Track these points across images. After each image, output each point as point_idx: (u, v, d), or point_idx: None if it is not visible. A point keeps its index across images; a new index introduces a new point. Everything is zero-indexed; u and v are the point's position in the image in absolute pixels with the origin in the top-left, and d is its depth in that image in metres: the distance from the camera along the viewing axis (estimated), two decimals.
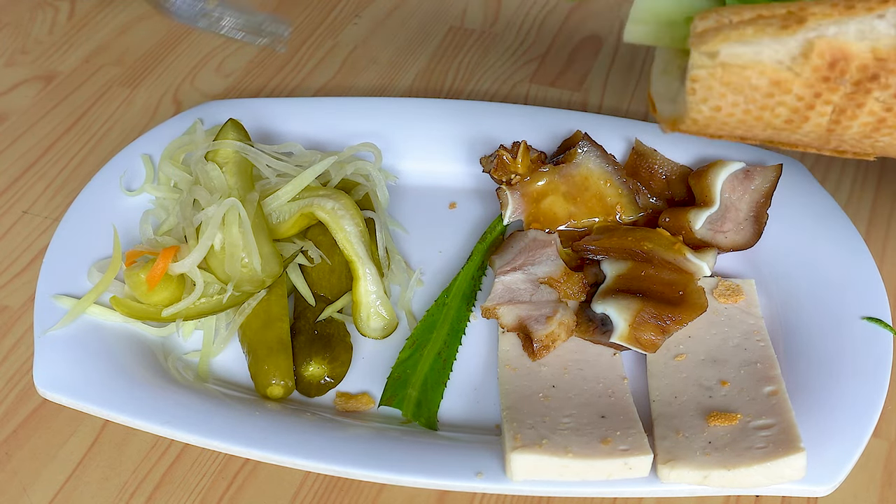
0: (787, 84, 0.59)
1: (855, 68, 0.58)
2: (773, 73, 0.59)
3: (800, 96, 0.59)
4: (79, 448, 0.78)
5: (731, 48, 0.59)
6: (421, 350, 0.81)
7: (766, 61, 0.58)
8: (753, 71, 0.59)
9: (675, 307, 0.79)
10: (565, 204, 0.89)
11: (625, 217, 0.89)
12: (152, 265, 0.81)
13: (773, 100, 0.60)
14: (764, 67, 0.58)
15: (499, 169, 0.90)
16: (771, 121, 0.61)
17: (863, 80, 0.58)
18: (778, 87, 0.59)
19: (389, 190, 0.95)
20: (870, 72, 0.58)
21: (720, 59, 0.59)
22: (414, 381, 0.79)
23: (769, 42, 0.58)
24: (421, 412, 0.77)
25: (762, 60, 0.58)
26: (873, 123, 0.61)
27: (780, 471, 0.68)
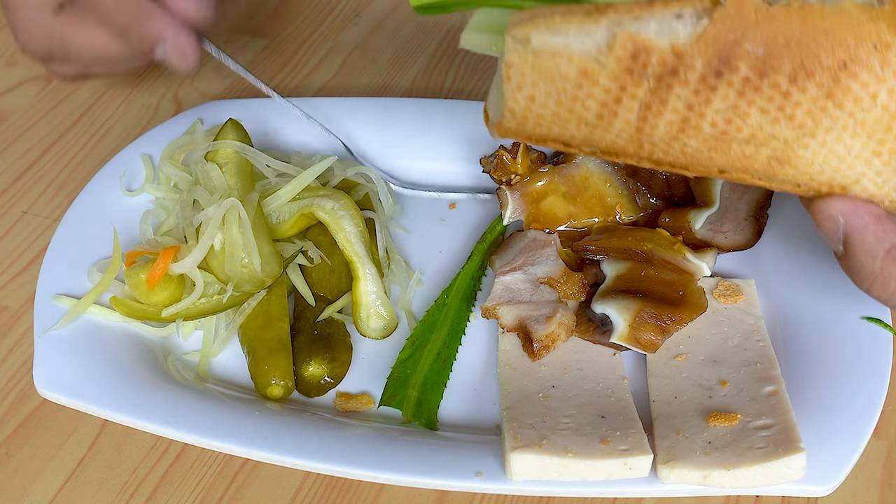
0: (594, 74, 0.61)
1: (655, 62, 0.60)
2: (581, 61, 0.61)
3: (607, 88, 0.61)
4: (79, 448, 0.78)
5: (542, 36, 0.61)
6: (421, 350, 0.81)
7: (574, 50, 0.61)
8: (562, 59, 0.61)
9: (675, 307, 0.79)
10: (565, 204, 0.89)
11: (625, 217, 0.89)
12: (152, 265, 0.81)
13: (582, 90, 0.62)
14: (572, 55, 0.61)
15: (499, 169, 0.90)
16: (583, 115, 0.63)
17: (664, 75, 0.60)
18: (586, 76, 0.61)
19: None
20: (669, 66, 0.60)
21: (532, 47, 0.61)
22: (414, 381, 0.79)
23: (576, 32, 0.60)
24: (421, 412, 0.77)
25: (570, 48, 0.61)
26: (678, 123, 0.62)
27: (780, 471, 0.68)
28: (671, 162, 0.66)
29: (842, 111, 0.61)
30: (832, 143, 0.63)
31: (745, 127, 0.62)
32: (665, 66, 0.60)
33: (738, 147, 0.63)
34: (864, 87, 0.60)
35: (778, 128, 0.62)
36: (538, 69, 0.62)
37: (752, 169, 0.65)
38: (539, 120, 0.65)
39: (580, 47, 0.61)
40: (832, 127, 0.62)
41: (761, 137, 0.63)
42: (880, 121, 0.62)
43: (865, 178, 0.65)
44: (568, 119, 0.64)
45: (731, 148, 0.63)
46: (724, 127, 0.62)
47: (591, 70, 0.61)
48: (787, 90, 0.60)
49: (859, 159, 0.64)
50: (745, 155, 0.64)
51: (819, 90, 0.60)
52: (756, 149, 0.63)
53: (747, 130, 0.62)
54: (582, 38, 0.60)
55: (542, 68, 0.62)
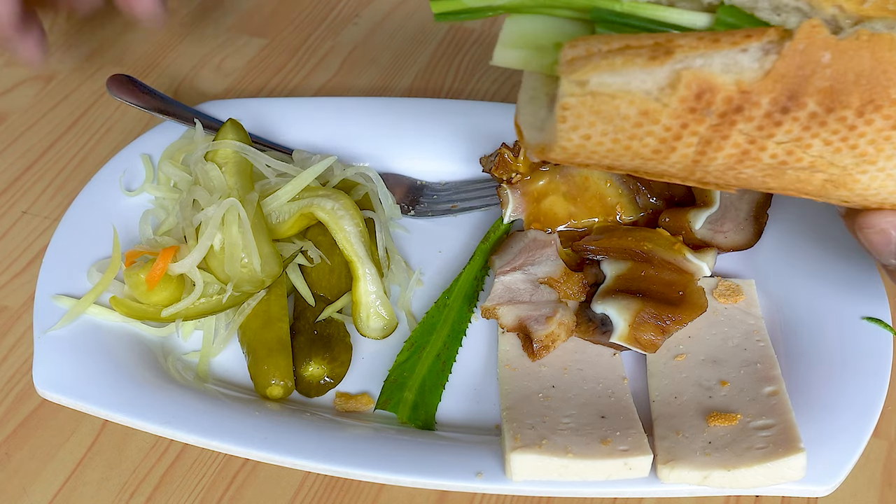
0: (656, 114, 0.59)
1: (720, 100, 0.58)
2: (642, 102, 0.59)
3: (667, 126, 0.60)
4: (79, 448, 0.78)
5: (601, 77, 0.58)
6: (420, 352, 0.81)
7: (636, 91, 0.59)
8: (623, 101, 0.59)
9: (675, 307, 0.79)
10: (565, 204, 0.89)
11: (625, 217, 0.89)
12: (152, 265, 0.81)
13: (641, 129, 0.60)
14: (633, 97, 0.59)
15: (500, 167, 0.90)
16: (639, 150, 0.62)
17: (728, 112, 0.59)
18: (646, 116, 0.59)
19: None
20: (734, 104, 0.58)
21: (590, 88, 0.59)
22: (411, 384, 0.79)
23: (638, 72, 0.58)
24: (417, 415, 0.77)
25: (631, 90, 0.59)
26: (737, 155, 0.61)
27: (780, 471, 0.68)
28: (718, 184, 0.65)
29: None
30: (891, 168, 0.62)
31: (805, 157, 0.61)
32: (730, 104, 0.59)
33: (794, 173, 0.62)
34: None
35: (839, 156, 0.61)
36: (596, 111, 0.60)
37: (804, 191, 0.64)
38: (591, 155, 0.63)
39: (641, 87, 0.59)
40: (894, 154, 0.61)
41: (820, 165, 0.62)
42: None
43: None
44: (622, 154, 0.62)
45: (786, 174, 0.63)
46: (784, 157, 0.61)
47: (652, 110, 0.59)
48: (853, 123, 0.59)
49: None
50: (799, 179, 0.63)
51: (886, 122, 0.59)
52: (812, 174, 0.62)
53: (807, 160, 0.61)
54: (643, 77, 0.59)
55: (600, 110, 0.59)
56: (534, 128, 0.67)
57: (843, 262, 0.84)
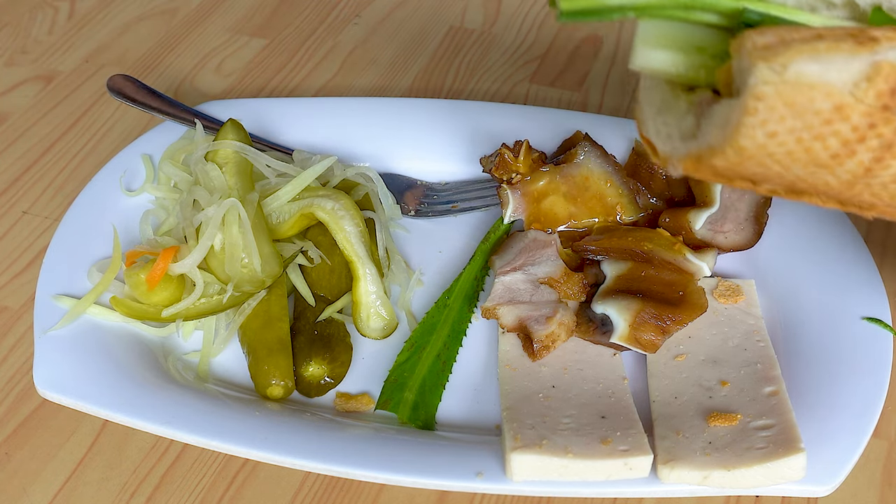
0: (848, 110, 0.55)
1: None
2: (839, 96, 0.54)
3: (855, 126, 0.55)
4: (79, 448, 0.78)
5: (802, 64, 0.53)
6: (420, 352, 0.81)
7: (834, 83, 0.54)
8: (820, 92, 0.54)
9: (675, 307, 0.79)
10: (566, 204, 0.89)
11: (625, 217, 0.89)
12: (152, 265, 0.81)
13: (829, 128, 0.55)
14: (831, 89, 0.54)
15: (500, 167, 0.90)
16: (818, 154, 0.56)
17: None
18: (839, 112, 0.55)
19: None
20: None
21: (787, 77, 0.53)
22: (411, 384, 0.79)
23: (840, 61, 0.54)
24: (418, 415, 0.77)
25: (829, 81, 0.54)
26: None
27: (780, 471, 0.68)
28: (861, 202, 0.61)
29: None
30: None
31: None
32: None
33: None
34: None
35: None
36: (791, 102, 0.54)
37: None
38: (766, 159, 0.57)
39: (838, 79, 0.54)
40: None
41: None
42: None
43: None
44: (800, 158, 0.57)
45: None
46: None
47: (846, 105, 0.54)
48: None
49: None
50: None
51: None
52: None
53: None
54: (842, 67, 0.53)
55: (795, 102, 0.54)
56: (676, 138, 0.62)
57: (843, 262, 0.84)
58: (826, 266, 0.85)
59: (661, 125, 0.63)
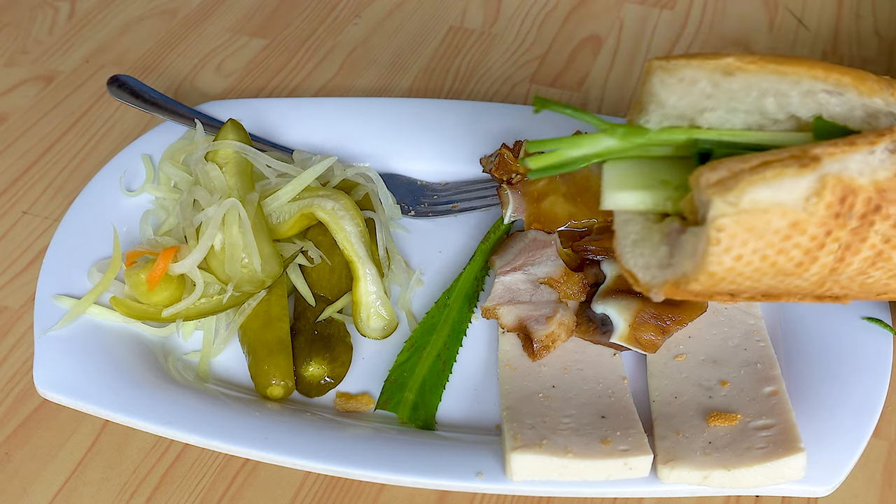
0: (804, 224, 0.59)
1: (861, 202, 0.59)
2: (793, 214, 0.59)
3: (813, 236, 0.60)
4: (79, 448, 0.78)
5: (754, 193, 0.58)
6: (420, 352, 0.81)
7: (785, 203, 0.59)
8: (775, 214, 0.59)
9: (675, 307, 0.79)
10: (566, 204, 0.89)
11: None
12: (152, 265, 0.81)
13: (789, 242, 0.60)
14: (784, 209, 0.59)
15: (500, 167, 0.90)
16: (783, 265, 0.61)
17: (867, 213, 0.60)
18: (796, 227, 0.59)
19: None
20: (873, 204, 0.59)
21: (742, 206, 0.58)
22: (411, 384, 0.79)
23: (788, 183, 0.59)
24: (418, 415, 0.77)
25: (782, 202, 0.59)
26: (872, 258, 0.62)
27: (780, 471, 0.68)
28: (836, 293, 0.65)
29: None
30: None
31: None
32: (869, 204, 0.59)
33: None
34: None
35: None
36: (750, 227, 0.59)
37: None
38: (737, 278, 0.62)
39: (789, 198, 0.59)
40: None
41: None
42: None
43: None
44: (766, 272, 0.62)
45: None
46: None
47: (801, 220, 0.59)
48: None
49: None
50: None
51: None
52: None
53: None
54: (790, 188, 0.59)
55: (753, 226, 0.59)
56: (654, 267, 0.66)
57: None
58: None
59: (638, 256, 0.67)
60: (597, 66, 1.14)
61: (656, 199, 0.66)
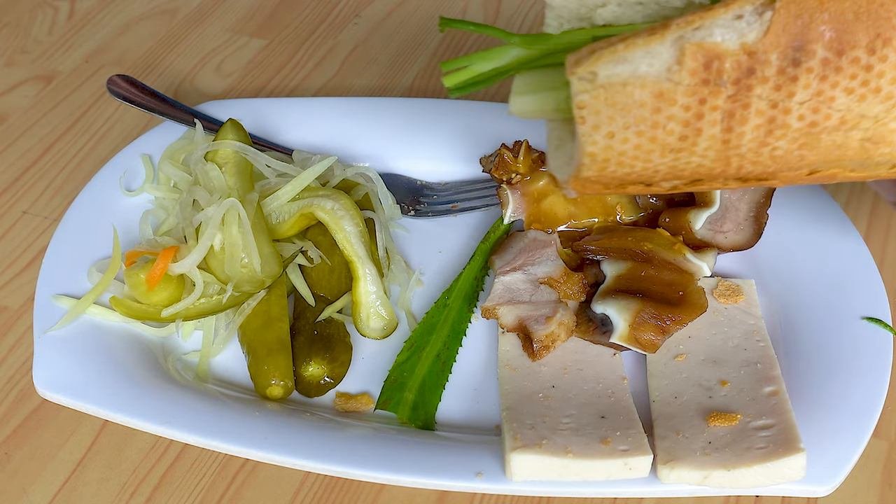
0: (671, 94, 0.58)
1: (730, 66, 0.58)
2: (654, 84, 0.58)
3: (685, 106, 0.59)
4: (79, 448, 0.78)
5: (608, 68, 0.58)
6: (420, 352, 0.81)
7: (645, 75, 0.58)
8: (634, 86, 0.58)
9: (675, 307, 0.79)
10: (566, 204, 0.89)
11: (625, 217, 0.89)
12: (152, 265, 0.81)
13: (661, 115, 0.59)
14: (644, 80, 0.58)
15: (500, 168, 0.90)
16: (666, 140, 0.60)
17: (741, 78, 0.58)
18: (662, 98, 0.59)
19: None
20: (745, 67, 0.58)
21: (600, 82, 0.58)
22: (411, 384, 0.79)
23: (642, 55, 0.58)
24: (417, 415, 0.77)
25: (641, 74, 0.58)
26: (764, 126, 0.60)
27: (780, 471, 0.68)
28: (759, 173, 0.63)
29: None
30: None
31: (833, 113, 0.59)
32: (740, 67, 0.58)
33: (829, 137, 0.61)
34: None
35: (866, 105, 0.59)
36: (612, 103, 0.59)
37: (846, 159, 0.62)
38: (621, 158, 0.61)
39: (649, 70, 0.58)
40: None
41: (851, 120, 0.60)
42: None
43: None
44: (651, 149, 0.61)
45: (821, 140, 0.61)
46: (812, 118, 0.60)
47: (666, 90, 0.58)
48: (868, 63, 0.58)
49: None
50: (836, 145, 0.61)
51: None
52: (846, 135, 0.61)
53: (836, 116, 0.60)
54: (649, 60, 0.58)
55: (615, 101, 0.59)
56: (565, 164, 0.66)
57: (843, 262, 0.84)
58: (826, 266, 0.85)
59: (556, 159, 0.68)
60: None
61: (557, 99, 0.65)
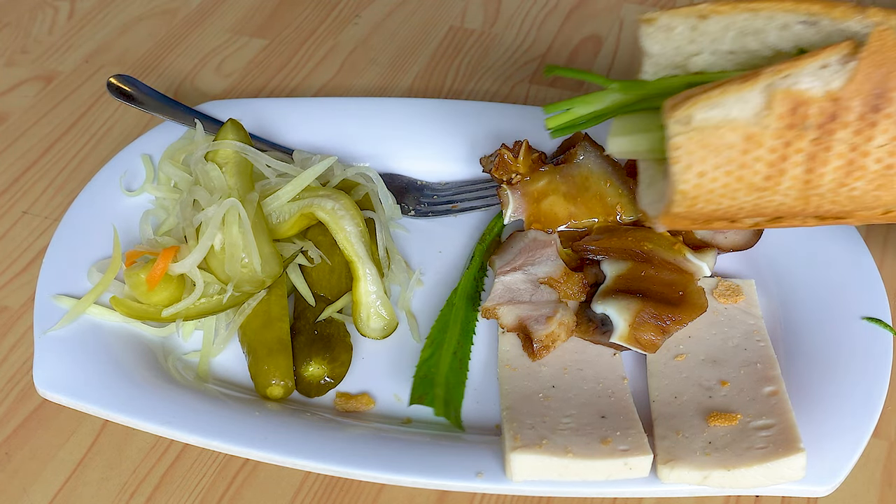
0: (759, 137, 0.63)
1: (815, 112, 0.63)
2: (745, 128, 0.63)
3: (772, 148, 0.64)
4: (79, 448, 0.78)
5: (703, 112, 0.63)
6: (440, 349, 0.81)
7: (736, 118, 0.63)
8: (726, 129, 0.63)
9: (675, 307, 0.79)
10: (566, 204, 0.89)
11: (625, 217, 0.89)
12: (152, 265, 0.81)
13: (749, 156, 0.64)
14: (735, 124, 0.63)
15: (500, 168, 0.90)
16: (752, 180, 0.65)
17: (825, 123, 0.62)
18: (751, 141, 0.64)
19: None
20: (828, 112, 0.63)
21: (694, 125, 0.64)
22: (438, 379, 0.78)
23: (734, 100, 0.63)
24: (448, 411, 0.77)
25: (732, 118, 0.63)
26: (844, 167, 0.64)
27: (780, 471, 0.68)
28: (837, 212, 0.68)
29: None
30: None
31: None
32: (824, 113, 0.62)
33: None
34: None
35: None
36: (705, 144, 0.64)
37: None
38: (710, 196, 0.66)
39: (740, 114, 0.63)
40: None
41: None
42: None
43: None
44: (738, 188, 0.66)
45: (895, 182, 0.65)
46: (889, 161, 0.64)
47: (754, 134, 0.63)
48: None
49: None
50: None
51: None
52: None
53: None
54: (741, 105, 0.63)
55: (708, 143, 0.64)
56: (655, 202, 0.72)
57: (843, 262, 0.84)
58: (826, 266, 0.85)
59: (648, 196, 0.73)
60: (597, 66, 1.14)
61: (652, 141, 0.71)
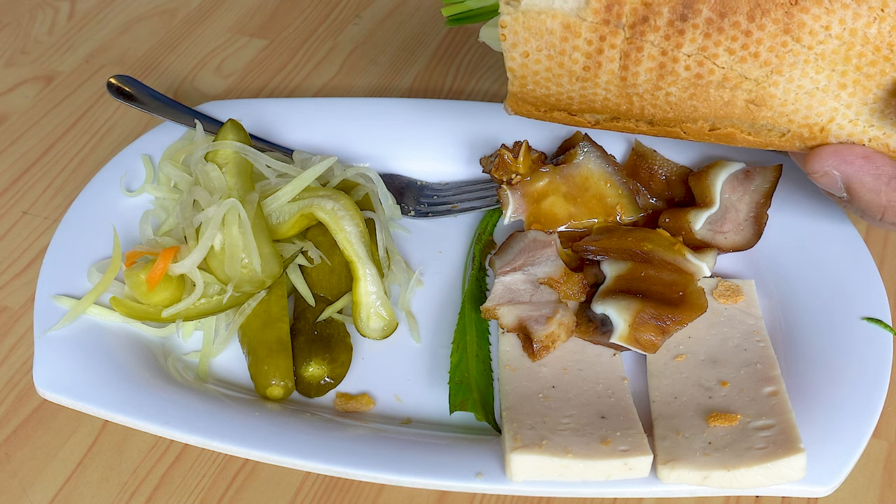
0: (576, 27, 0.69)
1: (628, 11, 0.67)
2: (563, 17, 0.69)
3: (588, 40, 0.69)
4: (79, 448, 0.78)
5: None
6: (465, 353, 0.81)
7: (558, 8, 0.69)
8: (547, 16, 0.69)
9: (675, 308, 0.79)
10: (566, 204, 0.89)
11: (625, 217, 0.89)
12: (152, 266, 0.81)
13: (567, 44, 0.69)
14: (556, 13, 0.69)
15: (500, 168, 0.90)
16: (572, 68, 0.71)
17: (636, 23, 0.67)
18: (569, 30, 0.69)
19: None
20: (640, 14, 0.67)
21: (521, 9, 0.69)
22: (472, 384, 0.78)
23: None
24: (488, 415, 0.77)
25: (555, 8, 0.69)
26: (656, 69, 0.68)
27: (780, 471, 0.68)
28: (661, 118, 0.71)
29: (800, 45, 0.66)
30: (798, 78, 0.68)
31: (716, 69, 0.67)
32: (636, 14, 0.67)
33: (716, 92, 0.69)
34: (816, 20, 0.65)
35: (746, 67, 0.67)
36: (528, 27, 0.70)
37: (735, 117, 0.70)
38: (536, 77, 0.72)
39: (563, 6, 0.69)
40: (795, 62, 0.67)
41: (733, 78, 0.68)
42: (837, 52, 0.67)
43: (839, 114, 0.69)
44: (560, 73, 0.71)
45: (709, 94, 0.69)
46: (698, 70, 0.68)
47: (572, 23, 0.69)
48: (748, 28, 0.66)
49: (827, 94, 0.69)
50: (724, 101, 0.69)
51: (776, 26, 0.66)
52: (731, 93, 0.69)
53: (719, 72, 0.68)
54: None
55: (531, 26, 0.69)
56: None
57: (843, 262, 0.84)
58: (826, 266, 0.85)
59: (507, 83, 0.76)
60: None
61: None
